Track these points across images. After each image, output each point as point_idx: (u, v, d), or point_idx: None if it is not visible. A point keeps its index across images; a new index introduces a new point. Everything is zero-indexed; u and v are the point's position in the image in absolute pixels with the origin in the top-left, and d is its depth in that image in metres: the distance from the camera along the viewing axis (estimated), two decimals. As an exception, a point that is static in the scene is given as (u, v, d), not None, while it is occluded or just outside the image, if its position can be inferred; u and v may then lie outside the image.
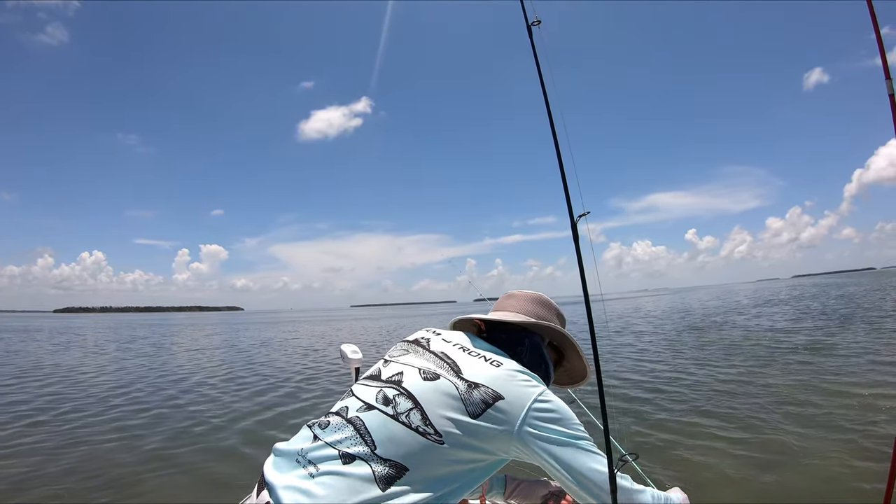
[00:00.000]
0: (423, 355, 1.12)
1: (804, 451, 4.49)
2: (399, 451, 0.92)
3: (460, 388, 0.99)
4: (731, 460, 4.38)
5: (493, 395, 0.98)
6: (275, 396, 8.49)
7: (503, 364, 1.06)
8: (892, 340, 10.46)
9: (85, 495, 4.21)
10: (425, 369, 1.06)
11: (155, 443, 5.70)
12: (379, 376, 1.10)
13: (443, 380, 1.02)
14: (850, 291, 33.87)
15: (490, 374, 1.02)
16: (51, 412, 7.38)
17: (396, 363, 1.12)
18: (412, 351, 1.15)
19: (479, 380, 1.01)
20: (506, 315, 1.30)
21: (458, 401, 0.97)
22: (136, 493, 4.26)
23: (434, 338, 1.19)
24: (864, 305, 20.42)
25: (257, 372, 11.68)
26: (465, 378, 1.02)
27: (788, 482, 3.90)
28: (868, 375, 7.31)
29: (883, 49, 1.19)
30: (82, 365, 13.77)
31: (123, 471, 4.78)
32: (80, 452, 5.35)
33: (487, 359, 1.08)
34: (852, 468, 4.03)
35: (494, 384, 1.00)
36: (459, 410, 0.96)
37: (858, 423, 5.12)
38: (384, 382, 1.06)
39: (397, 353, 1.17)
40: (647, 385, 7.78)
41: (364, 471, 0.89)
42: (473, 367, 1.05)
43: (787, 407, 5.93)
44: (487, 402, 0.97)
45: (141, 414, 7.27)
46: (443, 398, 0.98)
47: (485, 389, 0.99)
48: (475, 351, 1.11)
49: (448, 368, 1.05)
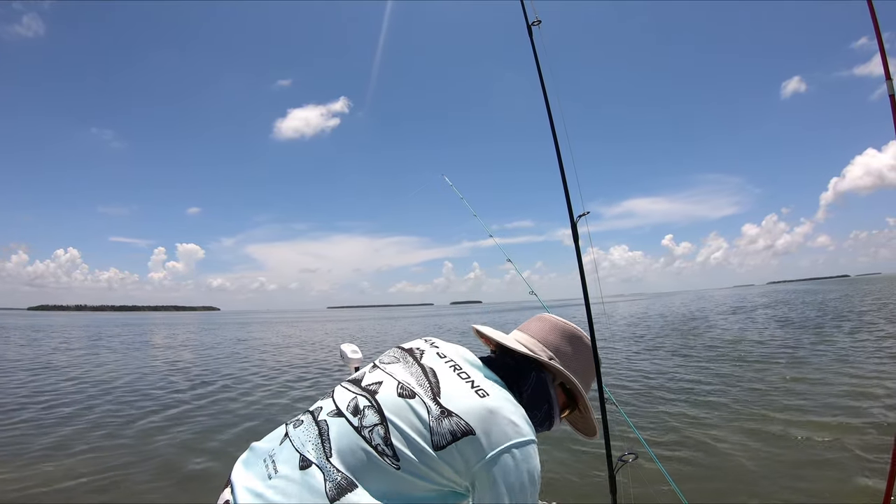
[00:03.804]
0: (409, 367, 1.02)
1: (803, 451, 4.58)
2: (353, 465, 0.86)
3: (432, 413, 0.90)
4: (729, 461, 4.44)
5: (464, 429, 0.87)
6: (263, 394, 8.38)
7: (490, 395, 0.94)
8: (883, 342, 10.79)
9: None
10: (404, 384, 0.96)
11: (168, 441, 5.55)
12: (360, 381, 1.03)
13: (417, 400, 0.92)
14: (827, 298, 34.93)
15: (469, 404, 0.91)
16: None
17: (382, 371, 1.03)
18: (402, 360, 1.06)
19: (455, 408, 0.90)
20: (515, 341, 1.16)
21: (426, 428, 0.88)
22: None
23: (429, 350, 1.09)
24: (841, 310, 21.04)
25: (249, 372, 11.47)
26: (441, 403, 0.91)
27: (788, 482, 3.96)
28: (864, 376, 7.54)
29: (883, 50, 1.20)
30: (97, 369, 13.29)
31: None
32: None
33: (475, 385, 0.96)
34: (851, 468, 4.11)
35: (470, 416, 0.89)
36: (424, 438, 0.87)
37: (856, 422, 5.24)
38: (362, 390, 0.99)
39: (387, 360, 1.08)
40: (642, 386, 7.90)
41: (317, 479, 0.84)
42: (454, 392, 0.94)
43: (782, 407, 6.06)
44: (455, 436, 0.87)
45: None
46: (411, 420, 0.89)
47: (457, 420, 0.88)
48: (466, 373, 1.00)
49: (427, 388, 0.95)
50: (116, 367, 12.70)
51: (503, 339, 1.17)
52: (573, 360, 1.16)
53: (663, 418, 5.94)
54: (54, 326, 42.97)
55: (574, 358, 1.16)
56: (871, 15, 1.22)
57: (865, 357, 9.22)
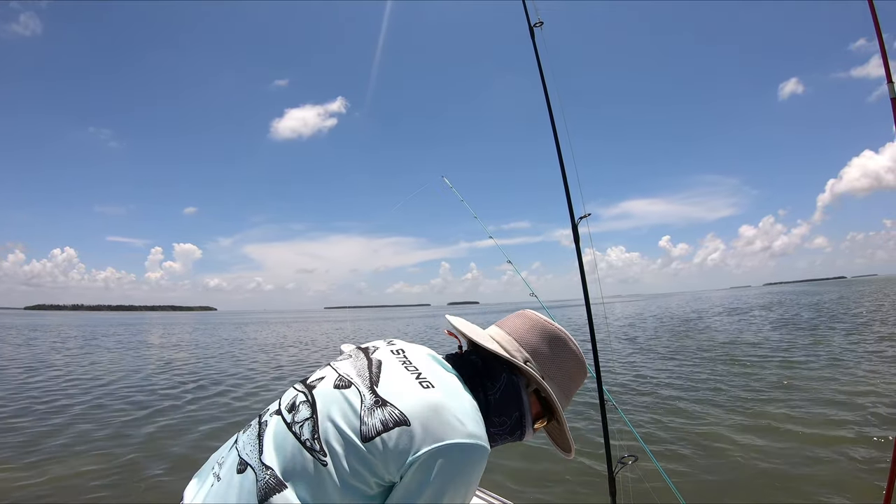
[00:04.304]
0: (357, 361, 0.93)
1: (802, 451, 4.59)
2: (280, 463, 0.80)
3: (365, 403, 0.81)
4: (728, 462, 4.46)
5: (397, 419, 0.78)
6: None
7: (436, 388, 0.83)
8: (879, 345, 10.84)
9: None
10: (343, 376, 0.89)
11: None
12: (306, 379, 0.95)
13: (352, 389, 0.85)
14: (823, 299, 35.07)
15: (409, 395, 0.82)
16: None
17: (330, 367, 0.96)
18: (354, 356, 0.97)
19: (392, 397, 0.81)
20: (488, 337, 1.03)
21: (356, 417, 0.80)
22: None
23: (384, 347, 0.99)
24: (840, 312, 21.12)
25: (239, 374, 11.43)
26: (377, 392, 0.83)
27: (787, 482, 3.98)
28: (862, 376, 7.59)
29: (885, 52, 1.20)
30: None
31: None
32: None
33: (420, 377, 0.86)
34: (851, 468, 4.13)
35: (407, 406, 0.80)
36: (352, 429, 0.79)
37: (856, 423, 5.27)
38: (304, 387, 0.92)
39: (340, 357, 1.00)
40: (641, 387, 7.91)
41: (249, 480, 0.80)
42: (394, 382, 0.85)
43: (780, 408, 6.09)
44: (386, 426, 0.78)
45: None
46: (343, 411, 0.81)
47: (391, 410, 0.79)
48: (415, 366, 0.90)
49: (366, 378, 0.87)
50: (111, 367, 12.64)
51: (474, 333, 1.03)
52: (550, 365, 1.00)
53: (662, 419, 5.96)
54: (50, 326, 42.77)
55: (552, 362, 1.00)
56: (871, 16, 1.22)
57: (863, 358, 9.26)
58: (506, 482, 4.27)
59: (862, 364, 8.69)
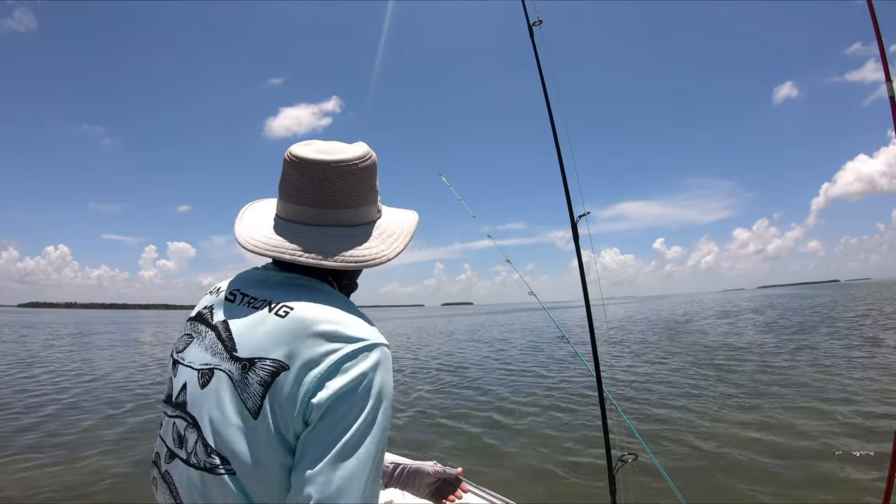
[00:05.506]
0: (203, 339, 0.74)
1: (801, 451, 4.61)
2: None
3: (234, 377, 0.66)
4: (728, 461, 4.47)
5: (274, 368, 0.63)
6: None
7: (295, 309, 0.68)
8: (874, 348, 10.93)
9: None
10: (203, 367, 0.71)
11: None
12: (171, 397, 0.75)
13: (217, 375, 0.68)
14: (816, 303, 35.34)
15: (270, 334, 0.66)
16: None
17: (181, 364, 0.75)
18: (195, 335, 0.77)
19: (255, 350, 0.66)
20: (290, 252, 0.75)
21: (236, 398, 0.64)
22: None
23: (217, 301, 0.78)
24: (832, 315, 21.30)
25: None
26: (239, 356, 0.67)
27: (787, 482, 4.00)
28: (860, 377, 7.65)
29: (883, 51, 1.21)
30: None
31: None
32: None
33: (273, 306, 0.69)
34: (851, 468, 4.15)
35: (277, 348, 0.64)
36: (239, 412, 0.64)
37: (855, 423, 5.31)
38: (175, 408, 0.73)
39: (182, 346, 0.78)
40: (640, 388, 7.91)
41: None
42: (249, 332, 0.68)
43: (779, 408, 6.12)
44: (266, 384, 0.62)
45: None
46: (221, 403, 0.65)
47: (261, 365, 0.64)
48: (261, 298, 0.72)
49: (223, 350, 0.69)
50: (103, 365, 12.54)
51: (256, 247, 0.77)
52: (370, 197, 0.80)
53: (661, 419, 5.98)
54: (42, 324, 42.41)
55: (356, 191, 0.77)
56: (871, 17, 1.23)
57: (861, 359, 9.34)
58: (505, 481, 4.27)
59: (862, 364, 8.77)
